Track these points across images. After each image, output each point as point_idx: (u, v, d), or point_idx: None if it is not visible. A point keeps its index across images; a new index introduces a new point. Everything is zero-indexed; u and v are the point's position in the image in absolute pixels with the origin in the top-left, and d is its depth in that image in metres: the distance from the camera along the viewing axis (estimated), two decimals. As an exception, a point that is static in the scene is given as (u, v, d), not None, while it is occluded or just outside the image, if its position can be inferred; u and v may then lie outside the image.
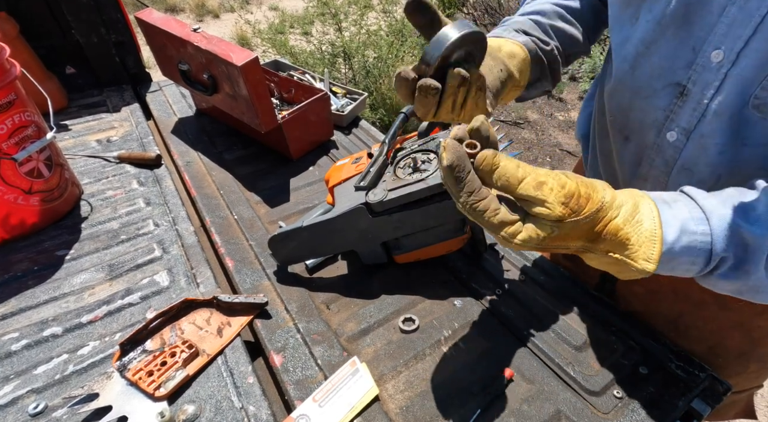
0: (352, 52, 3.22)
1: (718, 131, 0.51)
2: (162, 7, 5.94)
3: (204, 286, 0.82)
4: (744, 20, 0.45)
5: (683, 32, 0.51)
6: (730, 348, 0.69)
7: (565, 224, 0.40)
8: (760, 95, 0.46)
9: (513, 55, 0.59)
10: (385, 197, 0.73)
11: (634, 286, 0.75)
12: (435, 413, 0.61)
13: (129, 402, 0.63)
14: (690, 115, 0.53)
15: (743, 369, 0.72)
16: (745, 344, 0.68)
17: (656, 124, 0.57)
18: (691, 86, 0.52)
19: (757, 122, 0.48)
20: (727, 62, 0.48)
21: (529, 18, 0.66)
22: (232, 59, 0.93)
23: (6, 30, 1.24)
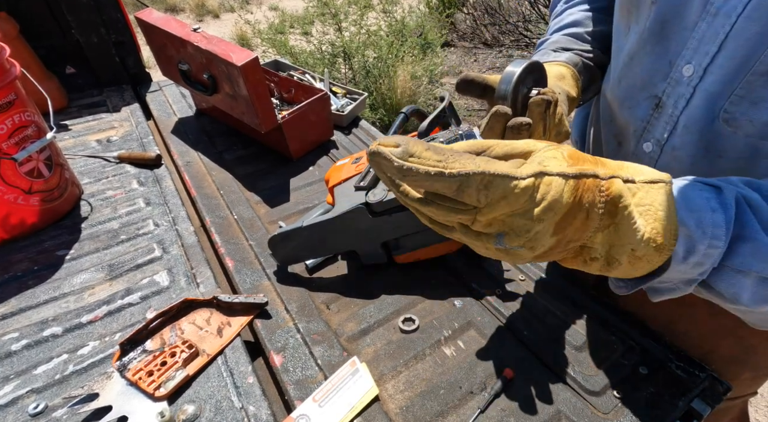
0: (352, 52, 3.22)
1: (688, 143, 0.52)
2: (162, 7, 5.94)
3: (204, 286, 0.82)
4: (711, 37, 0.46)
5: (661, 47, 0.52)
6: (723, 355, 0.69)
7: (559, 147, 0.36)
8: (729, 110, 0.47)
9: (562, 77, 0.59)
10: (385, 197, 0.73)
11: None
12: (435, 413, 0.61)
13: (129, 402, 0.63)
14: (663, 127, 0.54)
15: (737, 376, 0.71)
16: (737, 351, 0.68)
17: (636, 134, 0.58)
18: (665, 99, 0.53)
19: (729, 135, 0.49)
20: (696, 77, 0.49)
21: (563, 34, 0.67)
22: (232, 59, 0.93)
23: (6, 30, 1.24)
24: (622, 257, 0.37)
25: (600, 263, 0.38)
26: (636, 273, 0.39)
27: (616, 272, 0.39)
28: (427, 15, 4.56)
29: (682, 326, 0.70)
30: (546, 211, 0.33)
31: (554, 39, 0.67)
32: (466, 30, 4.98)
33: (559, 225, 0.35)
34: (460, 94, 0.52)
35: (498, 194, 0.32)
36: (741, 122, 0.47)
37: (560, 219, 0.34)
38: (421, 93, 3.42)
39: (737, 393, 0.75)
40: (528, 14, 4.66)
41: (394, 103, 3.14)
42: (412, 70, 3.19)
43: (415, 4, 4.69)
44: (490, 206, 0.33)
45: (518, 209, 0.34)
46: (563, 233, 0.35)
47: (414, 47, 3.36)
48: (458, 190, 0.33)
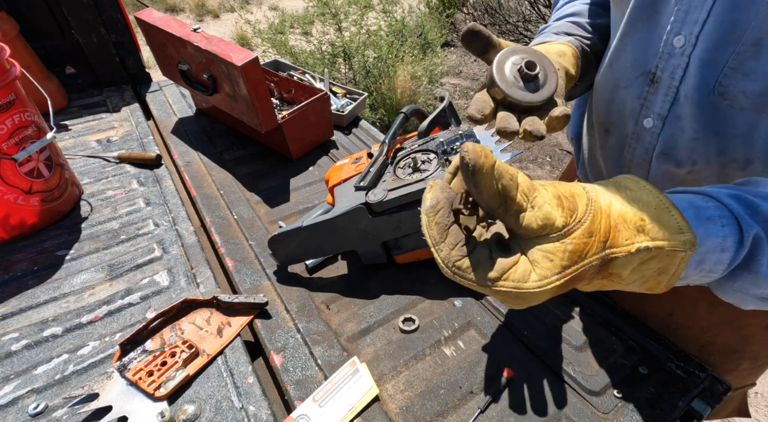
0: (352, 52, 3.22)
1: (690, 114, 0.52)
2: (162, 7, 5.94)
3: (204, 286, 0.82)
4: (698, 5, 0.47)
5: (651, 23, 0.53)
6: (721, 346, 0.70)
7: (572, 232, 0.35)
8: (724, 82, 0.48)
9: (563, 54, 0.60)
10: (385, 197, 0.73)
11: None
12: (435, 413, 0.61)
13: (129, 402, 0.63)
14: (663, 100, 0.55)
15: (735, 367, 0.72)
16: (735, 341, 0.69)
17: (633, 113, 0.59)
18: (660, 73, 0.54)
19: (725, 110, 0.49)
20: (689, 46, 0.50)
21: (567, 21, 0.68)
22: (232, 59, 0.93)
23: (6, 30, 1.24)
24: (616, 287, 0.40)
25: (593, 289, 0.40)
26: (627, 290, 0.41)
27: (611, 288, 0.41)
28: (427, 15, 4.56)
29: (682, 319, 0.71)
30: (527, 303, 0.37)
31: (556, 25, 0.68)
32: (466, 30, 4.98)
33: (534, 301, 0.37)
34: (463, 44, 0.52)
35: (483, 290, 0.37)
36: (735, 95, 0.48)
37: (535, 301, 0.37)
38: (421, 93, 3.42)
39: (736, 384, 0.75)
40: (528, 14, 4.66)
41: (394, 103, 3.14)
42: (412, 70, 3.19)
43: (415, 4, 4.69)
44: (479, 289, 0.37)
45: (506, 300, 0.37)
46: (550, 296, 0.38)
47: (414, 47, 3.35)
48: None
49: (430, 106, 3.45)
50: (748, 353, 0.70)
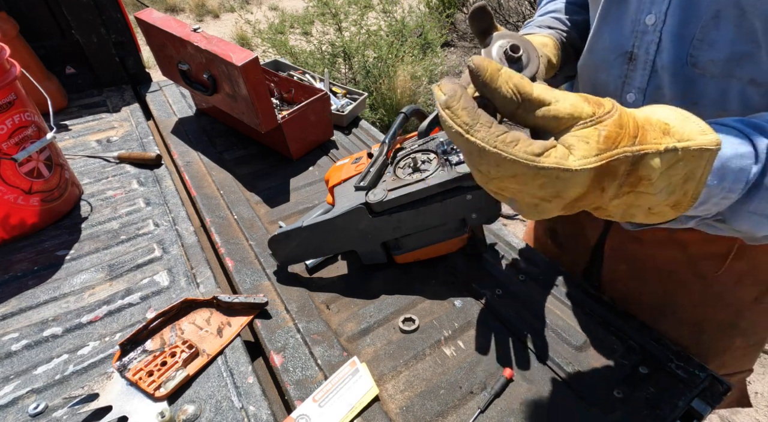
0: (352, 52, 3.22)
1: (667, 85, 0.56)
2: (162, 7, 5.94)
3: (204, 286, 0.82)
4: None
5: (623, 7, 0.58)
6: (714, 323, 0.72)
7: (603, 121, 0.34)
8: (694, 53, 0.52)
9: (545, 44, 0.65)
10: (385, 197, 0.73)
11: (620, 264, 0.77)
12: (435, 413, 0.61)
13: (129, 402, 0.63)
14: (641, 75, 0.58)
15: (730, 344, 0.74)
16: (727, 316, 0.71)
17: (616, 91, 0.62)
18: (636, 50, 0.58)
19: (698, 79, 0.53)
20: (659, 22, 0.54)
21: (549, 16, 0.74)
22: (232, 59, 0.93)
23: (6, 30, 1.24)
24: (638, 214, 0.38)
25: (616, 217, 0.39)
26: (650, 222, 0.40)
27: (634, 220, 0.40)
28: (427, 15, 4.56)
29: (677, 298, 0.73)
30: (555, 198, 0.35)
31: (540, 19, 0.73)
32: (466, 30, 4.98)
33: (568, 205, 0.36)
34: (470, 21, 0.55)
35: (508, 173, 0.34)
36: (705, 64, 0.52)
37: (569, 202, 0.35)
38: (421, 93, 3.41)
39: (733, 366, 0.77)
40: (528, 14, 4.66)
41: (394, 103, 3.14)
42: (412, 70, 3.19)
43: (415, 4, 4.69)
44: (499, 180, 0.35)
45: (529, 190, 0.35)
46: (572, 207, 0.37)
47: (414, 47, 3.35)
48: (472, 155, 0.35)
49: (430, 106, 3.44)
50: (740, 329, 0.72)
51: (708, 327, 0.72)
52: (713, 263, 0.66)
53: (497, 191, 0.37)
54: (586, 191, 0.35)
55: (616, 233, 0.76)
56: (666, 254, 0.70)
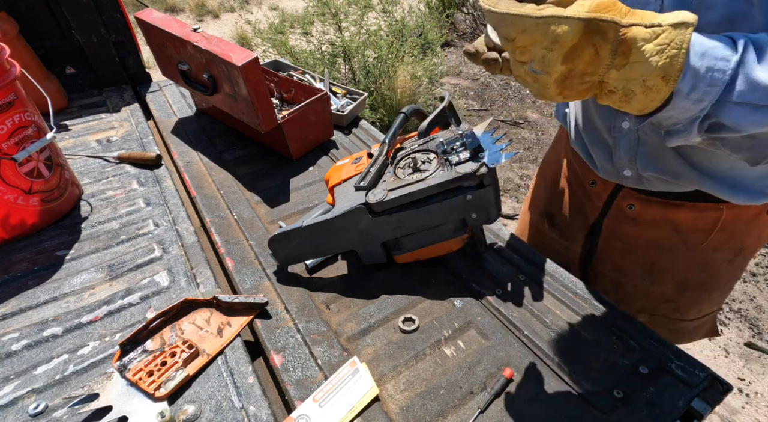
0: (352, 52, 3.22)
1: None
2: (162, 7, 5.94)
3: (204, 286, 0.82)
4: None
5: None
6: (695, 282, 0.82)
7: None
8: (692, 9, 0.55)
9: None
10: (385, 197, 0.73)
11: (615, 241, 0.86)
12: (435, 413, 0.61)
13: (129, 402, 0.63)
14: None
15: (707, 297, 0.86)
16: (705, 276, 0.82)
17: None
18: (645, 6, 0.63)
19: None
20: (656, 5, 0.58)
21: None
22: (232, 59, 0.93)
23: (6, 30, 1.24)
24: (636, 87, 0.45)
25: (618, 95, 0.46)
26: (649, 105, 0.46)
27: (634, 105, 0.47)
28: (427, 15, 4.56)
29: (664, 265, 0.83)
30: (553, 43, 0.43)
31: None
32: (466, 30, 4.98)
33: (567, 56, 0.44)
34: None
35: (519, 29, 0.44)
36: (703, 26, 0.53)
37: (567, 52, 0.44)
38: (421, 93, 3.41)
39: (708, 310, 0.90)
40: (528, 14, 4.64)
41: (394, 103, 3.13)
42: (412, 70, 3.19)
43: (415, 4, 4.69)
44: (516, 40, 0.45)
45: (536, 41, 0.44)
46: (573, 63, 0.45)
47: (414, 47, 3.35)
48: (498, 24, 0.45)
49: (430, 106, 3.45)
50: (716, 284, 0.84)
51: (690, 285, 0.83)
52: (700, 236, 0.75)
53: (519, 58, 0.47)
54: (578, 42, 0.43)
55: (614, 216, 0.83)
56: (658, 232, 0.79)
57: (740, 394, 1.63)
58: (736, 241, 0.76)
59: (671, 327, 0.90)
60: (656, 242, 0.80)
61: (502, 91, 3.81)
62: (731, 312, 1.93)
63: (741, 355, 1.76)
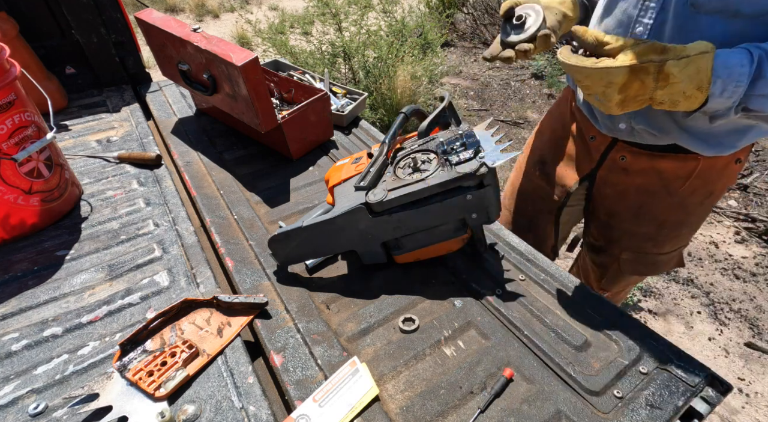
0: (352, 52, 3.22)
1: (669, 22, 0.71)
2: (162, 7, 5.94)
3: (204, 286, 0.82)
4: None
5: None
6: (673, 222, 0.96)
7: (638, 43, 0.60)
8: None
9: (563, 2, 0.83)
10: (385, 197, 0.73)
11: (607, 188, 0.99)
12: (435, 413, 0.61)
13: (129, 402, 0.63)
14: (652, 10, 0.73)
15: (679, 233, 1.00)
16: (681, 216, 0.95)
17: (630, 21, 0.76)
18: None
19: (693, 16, 0.67)
20: None
21: None
22: (232, 59, 0.93)
23: (6, 30, 1.24)
24: (679, 98, 0.61)
25: (667, 105, 0.63)
26: (692, 106, 0.63)
27: (681, 108, 0.63)
28: (427, 15, 4.55)
29: (648, 207, 0.96)
30: (608, 84, 0.61)
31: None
32: (466, 30, 4.98)
33: (620, 89, 0.62)
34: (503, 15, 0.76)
35: (584, 75, 0.62)
36: (703, 2, 0.66)
37: (620, 87, 0.61)
38: (421, 93, 3.41)
39: (678, 245, 1.03)
40: (528, 14, 4.64)
41: (394, 103, 3.13)
42: (412, 70, 3.19)
43: (415, 4, 4.69)
44: (582, 82, 0.64)
45: (597, 83, 0.62)
46: (626, 93, 0.62)
47: (414, 47, 3.35)
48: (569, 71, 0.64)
49: (430, 106, 3.44)
50: (689, 223, 0.98)
51: (667, 224, 0.97)
52: (680, 182, 0.89)
53: (586, 93, 0.66)
54: (627, 81, 0.60)
55: (608, 166, 0.96)
56: (645, 179, 0.92)
57: (740, 394, 1.63)
58: (708, 186, 0.90)
59: (650, 261, 1.05)
60: (643, 188, 0.93)
61: (502, 91, 3.81)
62: (731, 312, 1.93)
63: (741, 355, 1.76)
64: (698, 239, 2.29)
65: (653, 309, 1.95)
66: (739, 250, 2.22)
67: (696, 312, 1.93)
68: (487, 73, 4.13)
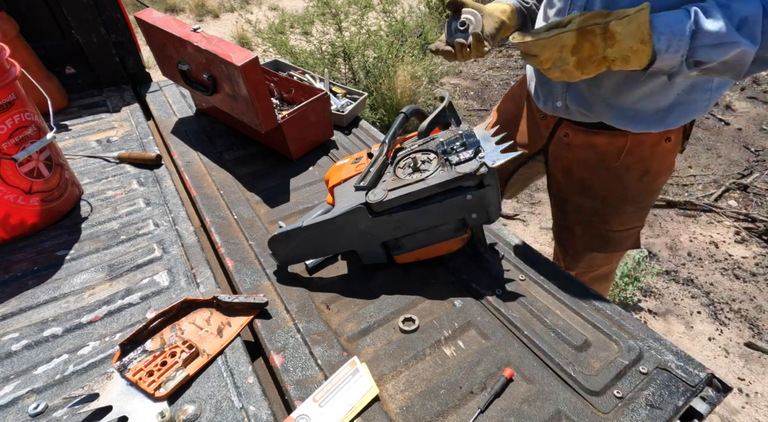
0: (352, 52, 3.22)
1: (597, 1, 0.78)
2: (162, 7, 5.94)
3: (204, 286, 0.82)
4: None
5: None
6: (615, 196, 1.02)
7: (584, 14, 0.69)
8: None
9: (503, 11, 0.92)
10: (385, 197, 0.73)
11: (556, 163, 1.07)
12: (435, 413, 0.61)
13: (129, 402, 0.63)
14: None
15: (624, 210, 1.04)
16: (620, 192, 1.01)
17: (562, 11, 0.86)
18: None
19: None
20: None
21: None
22: (232, 59, 0.93)
23: (6, 30, 1.24)
24: (628, 53, 0.67)
25: (618, 62, 0.69)
26: (642, 62, 0.68)
27: (633, 64, 0.69)
28: (427, 15, 4.55)
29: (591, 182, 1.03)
30: (561, 47, 0.69)
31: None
32: (466, 30, 4.98)
33: (573, 50, 0.69)
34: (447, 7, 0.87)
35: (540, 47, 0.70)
36: None
37: (573, 49, 0.69)
38: (421, 93, 3.41)
39: (629, 224, 1.08)
40: None
41: (394, 103, 3.13)
42: (412, 70, 3.18)
43: (415, 4, 4.68)
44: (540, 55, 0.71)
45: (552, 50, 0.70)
46: (579, 54, 0.69)
47: (414, 47, 3.35)
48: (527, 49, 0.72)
49: (430, 106, 3.44)
50: (629, 199, 1.03)
51: (610, 200, 1.03)
52: (613, 158, 0.97)
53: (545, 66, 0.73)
54: (577, 43, 0.68)
55: (555, 143, 1.05)
56: (585, 154, 1.00)
57: (740, 394, 1.63)
58: (643, 163, 0.97)
59: (602, 236, 1.10)
60: (584, 162, 1.01)
61: (502, 91, 3.81)
62: (731, 312, 1.93)
63: (741, 355, 1.76)
64: (698, 239, 2.29)
65: (653, 309, 1.95)
66: (739, 250, 2.22)
67: (696, 312, 1.93)
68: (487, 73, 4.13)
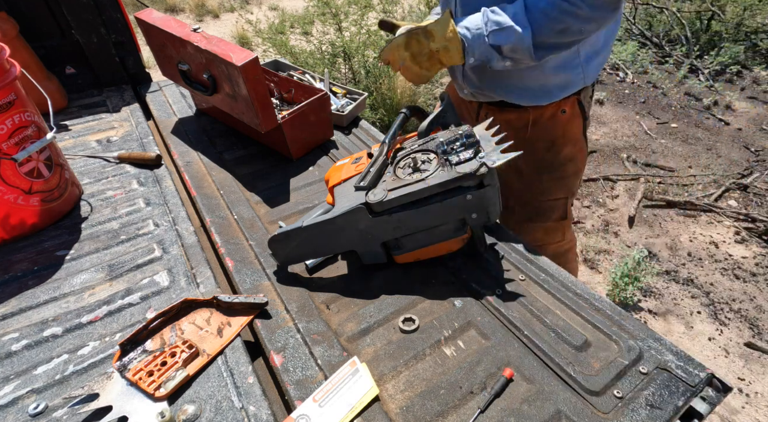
0: (352, 52, 3.22)
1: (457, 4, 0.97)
2: (162, 7, 5.94)
3: (204, 286, 0.82)
4: None
5: None
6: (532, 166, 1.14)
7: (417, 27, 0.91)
8: None
9: None
10: (385, 197, 0.73)
11: None
12: (435, 413, 0.61)
13: (129, 402, 0.63)
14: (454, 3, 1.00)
15: (540, 178, 1.16)
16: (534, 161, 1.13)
17: None
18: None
19: None
20: None
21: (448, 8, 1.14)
22: (232, 59, 0.93)
23: (6, 30, 1.24)
24: (445, 43, 0.87)
25: (441, 54, 0.88)
26: (458, 48, 0.87)
27: (454, 57, 0.88)
28: (427, 15, 4.55)
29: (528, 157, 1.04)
30: (397, 47, 0.91)
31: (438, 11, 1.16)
32: (466, 30, 4.99)
33: (405, 47, 0.90)
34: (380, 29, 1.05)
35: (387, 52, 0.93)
36: None
37: (404, 47, 0.90)
38: (421, 93, 3.41)
39: (555, 194, 1.19)
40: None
41: (394, 103, 3.13)
42: (412, 70, 3.18)
43: (415, 4, 4.69)
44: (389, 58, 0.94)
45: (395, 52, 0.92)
46: (411, 49, 0.90)
47: (414, 47, 3.35)
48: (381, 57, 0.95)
49: (430, 106, 3.44)
50: (544, 167, 1.14)
51: (525, 170, 1.16)
52: (523, 131, 1.09)
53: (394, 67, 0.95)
54: (407, 42, 0.90)
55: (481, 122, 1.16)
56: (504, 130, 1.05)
57: (740, 394, 1.63)
58: (548, 134, 1.10)
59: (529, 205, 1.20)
60: None
61: (502, 91, 3.81)
62: (731, 312, 1.93)
63: (741, 355, 1.76)
64: (698, 239, 2.29)
65: (653, 309, 1.95)
66: (739, 250, 2.22)
67: (696, 312, 1.93)
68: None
